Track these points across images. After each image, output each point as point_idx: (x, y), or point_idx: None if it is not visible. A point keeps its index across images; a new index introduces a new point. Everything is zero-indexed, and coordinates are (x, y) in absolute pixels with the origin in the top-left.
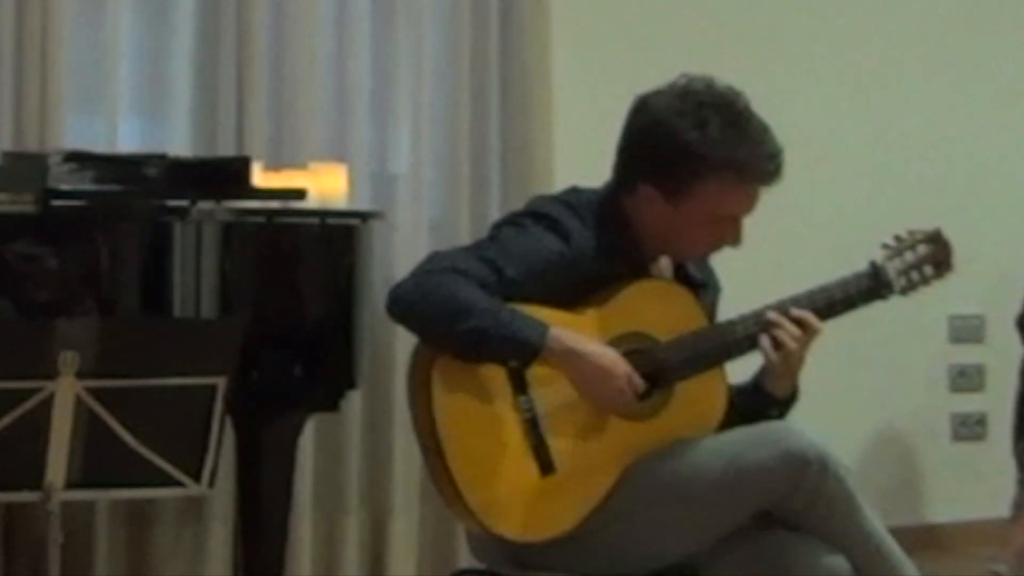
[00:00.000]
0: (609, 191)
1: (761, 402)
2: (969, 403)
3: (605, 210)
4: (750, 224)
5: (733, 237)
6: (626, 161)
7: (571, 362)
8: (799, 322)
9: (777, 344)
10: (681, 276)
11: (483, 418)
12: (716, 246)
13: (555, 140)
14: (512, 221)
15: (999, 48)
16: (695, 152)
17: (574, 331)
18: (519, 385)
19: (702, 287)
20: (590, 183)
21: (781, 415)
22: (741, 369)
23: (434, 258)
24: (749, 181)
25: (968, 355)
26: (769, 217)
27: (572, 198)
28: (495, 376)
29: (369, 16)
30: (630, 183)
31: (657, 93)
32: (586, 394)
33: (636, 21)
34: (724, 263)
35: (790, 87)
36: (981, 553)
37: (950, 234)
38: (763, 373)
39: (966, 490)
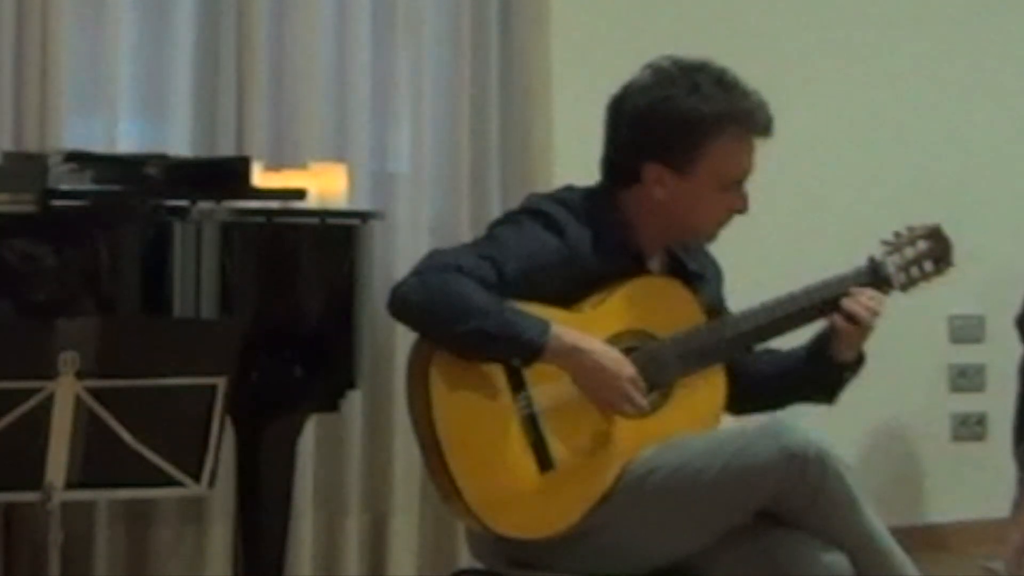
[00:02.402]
0: (603, 189)
1: (827, 368)
2: (969, 403)
3: (600, 207)
4: (749, 221)
5: (741, 203)
6: (624, 152)
7: (574, 361)
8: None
9: (851, 317)
10: (678, 270)
11: (482, 415)
12: (728, 217)
13: (555, 140)
14: (509, 219)
15: (999, 45)
16: (699, 114)
17: (576, 329)
18: (517, 382)
19: (699, 279)
20: (590, 183)
21: (850, 378)
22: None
23: (435, 256)
24: (752, 131)
25: (968, 355)
26: (768, 213)
27: (567, 196)
28: (493, 373)
29: (369, 16)
30: (633, 171)
31: (633, 82)
32: (589, 393)
33: (636, 21)
34: (723, 260)
35: (790, 84)
36: (980, 552)
37: (950, 233)
38: (829, 341)
39: (966, 490)
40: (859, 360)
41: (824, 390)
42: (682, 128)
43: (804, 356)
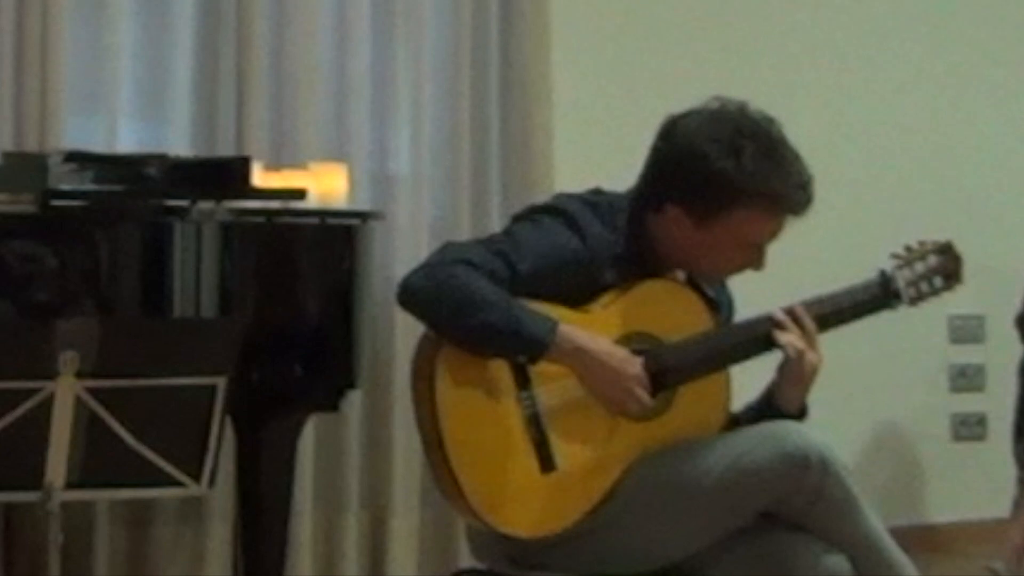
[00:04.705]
0: (633, 203)
1: (771, 418)
2: (969, 403)
3: (627, 218)
4: None
5: (756, 262)
6: (655, 181)
7: (580, 360)
8: (796, 321)
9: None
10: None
11: (486, 412)
12: (738, 270)
13: (555, 140)
14: (529, 216)
15: (998, 51)
16: (729, 181)
17: (582, 329)
18: (522, 380)
19: (714, 305)
20: (589, 183)
21: None
22: (744, 373)
23: (447, 249)
24: (781, 211)
25: (968, 355)
26: None
27: (595, 199)
28: (499, 370)
29: (369, 16)
30: (657, 202)
31: (688, 115)
32: (595, 393)
33: (636, 22)
34: None
35: (795, 95)
36: (980, 552)
37: (950, 234)
38: (774, 387)
39: (966, 490)
40: (800, 414)
41: None
42: (708, 187)
43: (756, 408)
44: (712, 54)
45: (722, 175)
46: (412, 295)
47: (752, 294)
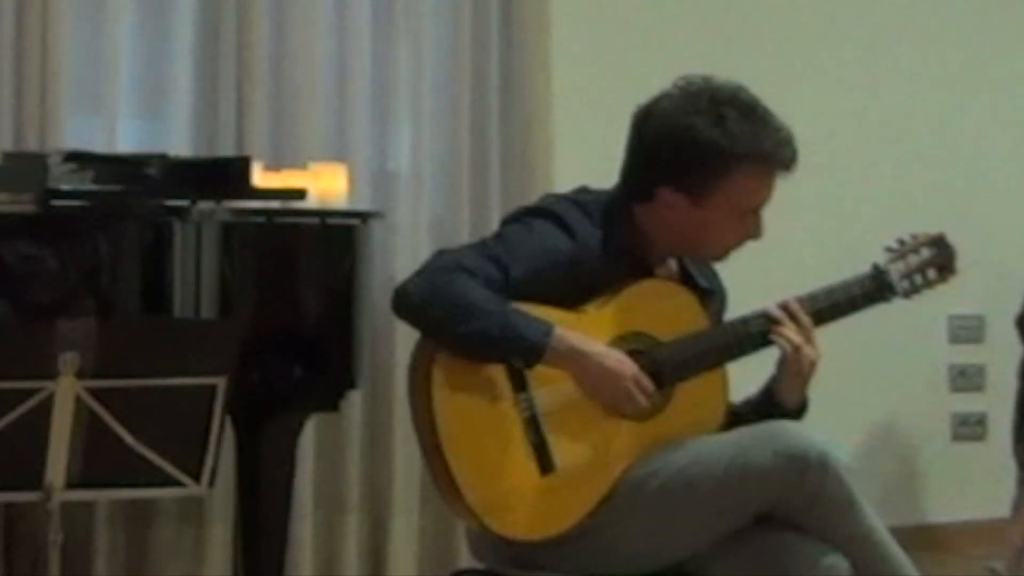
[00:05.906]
0: (619, 197)
1: (772, 414)
2: (969, 403)
3: (614, 213)
4: None
5: (755, 230)
6: (640, 170)
7: (577, 363)
8: (791, 316)
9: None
10: (687, 283)
11: (483, 416)
12: (740, 242)
13: (555, 140)
14: (520, 219)
15: (999, 49)
16: (720, 148)
17: (578, 331)
18: (519, 383)
19: (708, 294)
20: (590, 183)
21: None
22: (742, 370)
23: (440, 255)
24: (773, 169)
25: (968, 355)
26: (772, 219)
27: (581, 197)
28: (495, 374)
29: (369, 16)
30: (646, 191)
31: (661, 98)
32: (594, 395)
33: (636, 21)
34: (727, 264)
35: (792, 89)
36: (980, 553)
37: (951, 234)
38: (773, 382)
39: (966, 490)
40: (801, 408)
41: None
42: (700, 160)
43: (756, 402)
44: (712, 52)
45: (712, 144)
46: (407, 304)
47: (747, 290)
